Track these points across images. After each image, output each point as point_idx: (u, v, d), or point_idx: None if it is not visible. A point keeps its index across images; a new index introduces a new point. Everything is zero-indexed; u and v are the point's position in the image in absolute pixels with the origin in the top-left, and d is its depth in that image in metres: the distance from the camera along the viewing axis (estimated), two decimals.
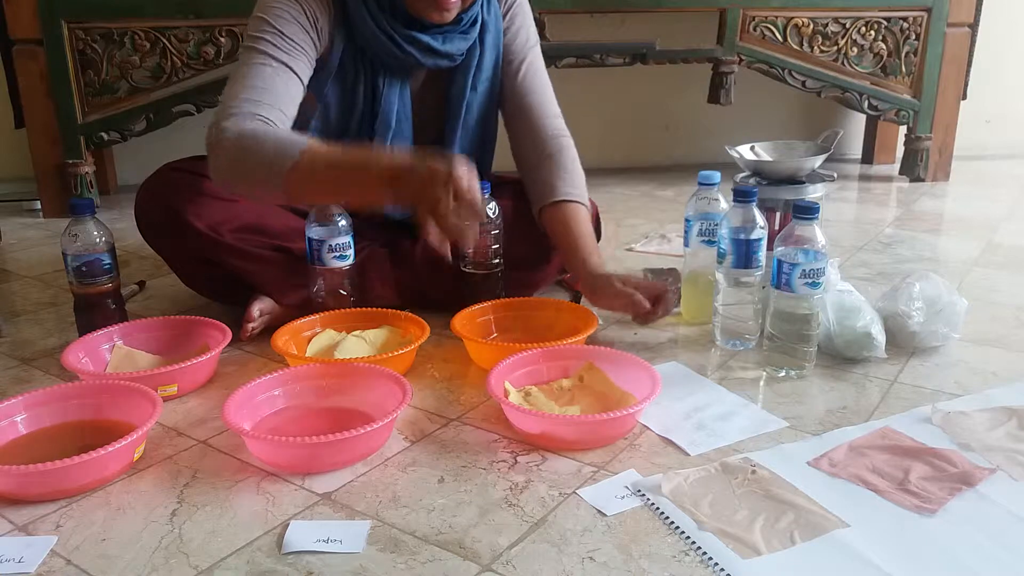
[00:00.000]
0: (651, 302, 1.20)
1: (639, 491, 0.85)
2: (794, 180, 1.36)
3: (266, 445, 0.90)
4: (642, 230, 1.98)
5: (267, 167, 1.06)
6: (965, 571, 0.73)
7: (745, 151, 1.44)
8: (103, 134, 2.12)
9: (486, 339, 1.24)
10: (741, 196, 1.17)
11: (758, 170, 1.39)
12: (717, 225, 1.24)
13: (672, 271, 1.51)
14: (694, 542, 0.77)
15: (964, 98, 2.48)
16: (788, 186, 1.34)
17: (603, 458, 0.92)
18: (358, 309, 1.27)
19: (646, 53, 2.27)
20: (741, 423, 1.00)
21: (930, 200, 2.29)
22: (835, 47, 2.35)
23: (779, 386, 1.11)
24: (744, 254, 1.18)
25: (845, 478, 0.87)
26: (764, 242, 1.18)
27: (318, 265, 1.24)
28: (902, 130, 2.53)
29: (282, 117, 1.14)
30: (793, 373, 1.12)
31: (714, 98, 2.36)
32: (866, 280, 1.56)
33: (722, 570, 0.73)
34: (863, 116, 2.70)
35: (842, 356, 1.17)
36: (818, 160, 1.36)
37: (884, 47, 2.37)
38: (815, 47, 2.33)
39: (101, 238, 1.21)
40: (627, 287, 1.20)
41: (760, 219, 1.18)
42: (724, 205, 1.28)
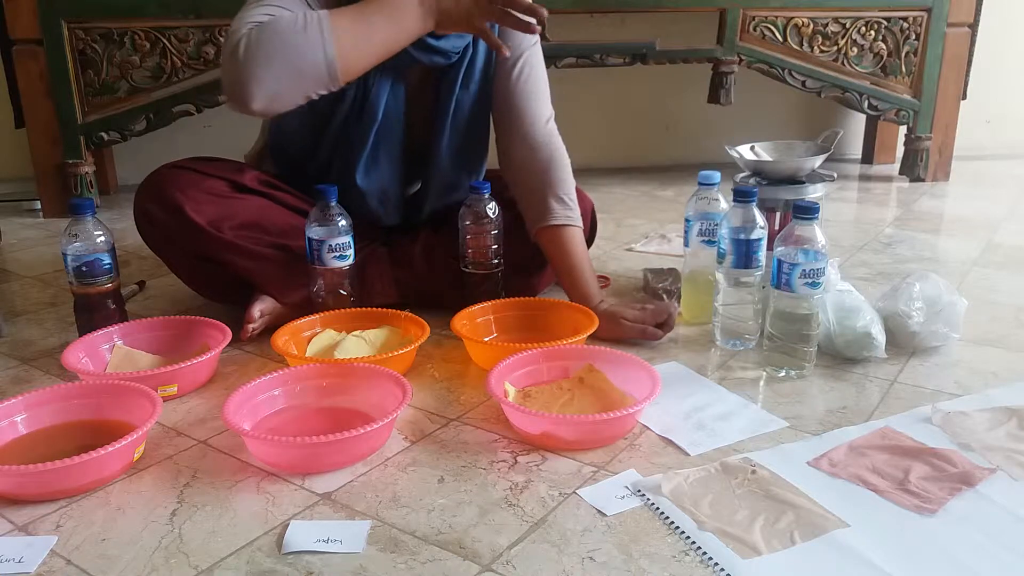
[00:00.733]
0: (658, 326, 1.24)
1: (639, 491, 0.85)
2: (794, 180, 1.36)
3: (266, 445, 0.90)
4: (642, 230, 1.99)
5: (305, 37, 1.06)
6: (965, 571, 0.73)
7: (745, 151, 1.44)
8: (103, 134, 2.12)
9: (486, 339, 1.24)
10: (741, 196, 1.17)
11: (758, 170, 1.39)
12: (717, 225, 1.24)
13: (672, 271, 1.51)
14: (694, 542, 0.77)
15: (964, 98, 2.48)
16: (788, 186, 1.34)
17: (603, 458, 0.92)
18: (358, 309, 1.27)
19: (646, 53, 2.27)
20: (741, 423, 1.00)
21: (930, 200, 2.29)
22: (835, 47, 2.35)
23: (779, 386, 1.11)
24: (744, 254, 1.18)
25: (845, 478, 0.87)
26: (764, 242, 1.18)
27: (318, 265, 1.24)
28: (902, 130, 2.53)
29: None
30: (793, 373, 1.12)
31: (714, 98, 2.36)
32: (866, 280, 1.56)
33: (722, 570, 0.73)
34: (863, 116, 2.70)
35: (842, 356, 1.17)
36: (818, 160, 1.36)
37: (884, 47, 2.37)
38: (815, 47, 2.33)
39: (101, 238, 1.22)
40: (636, 324, 1.23)
41: (760, 219, 1.18)
42: (724, 205, 1.28)
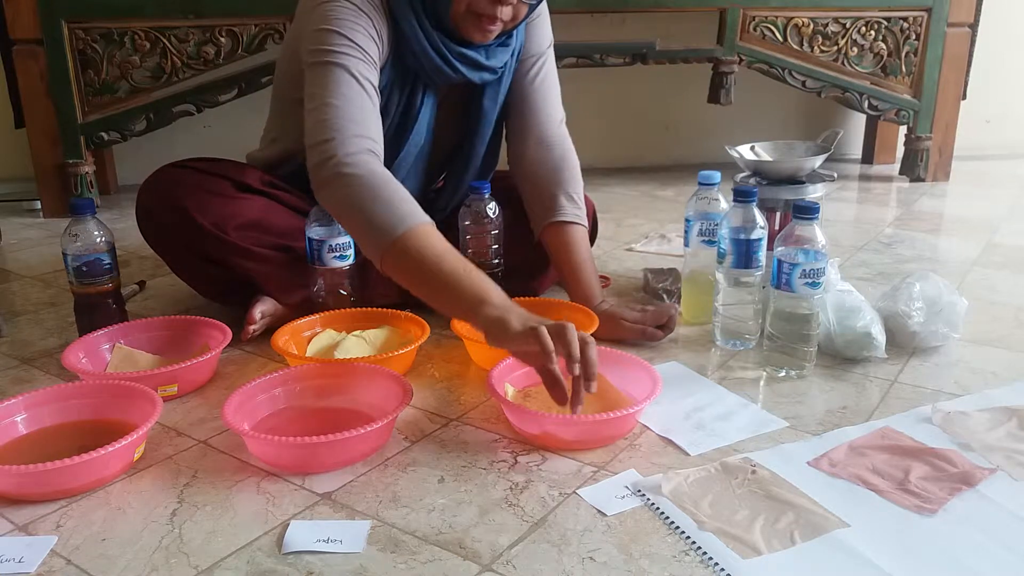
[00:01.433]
0: (658, 328, 1.24)
1: (639, 491, 0.85)
2: (794, 180, 1.36)
3: (266, 445, 0.90)
4: (642, 230, 1.99)
5: (378, 227, 1.03)
6: (965, 571, 0.73)
7: (745, 151, 1.44)
8: (103, 134, 2.12)
9: None
10: (741, 196, 1.17)
11: (758, 170, 1.39)
12: (717, 225, 1.24)
13: (672, 271, 1.51)
14: (694, 542, 0.77)
15: (964, 98, 2.48)
16: (788, 186, 1.34)
17: (603, 458, 0.92)
18: (358, 309, 1.27)
19: (646, 53, 2.27)
20: (741, 423, 1.00)
21: (930, 200, 2.29)
22: (835, 47, 2.35)
23: (779, 386, 1.11)
24: (744, 254, 1.18)
25: (845, 478, 0.87)
26: (764, 242, 1.18)
27: (318, 265, 1.24)
28: (902, 130, 2.53)
29: (381, 140, 1.12)
30: (793, 373, 1.12)
31: (714, 98, 2.36)
32: (866, 280, 1.56)
33: (722, 570, 0.73)
34: (863, 116, 2.70)
35: (842, 356, 1.17)
36: (818, 160, 1.36)
37: (884, 47, 2.37)
38: (815, 47, 2.33)
39: (101, 238, 1.22)
40: (636, 325, 1.23)
41: (760, 219, 1.18)
42: (724, 205, 1.28)
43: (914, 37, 2.37)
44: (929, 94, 2.41)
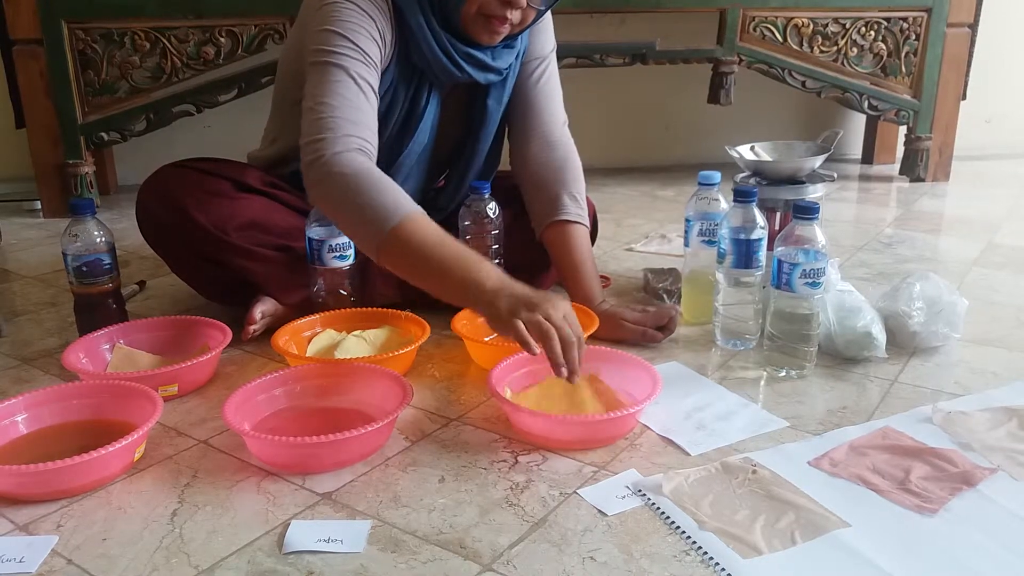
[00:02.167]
0: (658, 329, 1.24)
1: (640, 491, 0.85)
2: (794, 180, 1.36)
3: (266, 445, 0.90)
4: (642, 230, 1.99)
5: (371, 219, 1.03)
6: (966, 571, 0.73)
7: (745, 151, 1.44)
8: (103, 134, 2.12)
9: (486, 339, 1.24)
10: (741, 196, 1.17)
11: (758, 170, 1.39)
12: (717, 225, 1.24)
13: (672, 271, 1.51)
14: (695, 542, 0.77)
15: (964, 98, 2.48)
16: (788, 186, 1.34)
17: (604, 458, 0.92)
18: (358, 309, 1.27)
19: (646, 53, 2.27)
20: (741, 423, 1.00)
21: (930, 200, 2.29)
22: (835, 47, 2.35)
23: (779, 386, 1.11)
24: (744, 254, 1.18)
25: (846, 478, 0.87)
26: (764, 242, 1.18)
27: (318, 265, 1.24)
28: (902, 130, 2.53)
29: (375, 140, 1.13)
30: (793, 373, 1.12)
31: (714, 98, 2.36)
32: (866, 280, 1.56)
33: (723, 570, 0.73)
34: (863, 116, 2.70)
35: (842, 356, 1.17)
36: (818, 160, 1.36)
37: (884, 47, 2.37)
38: (815, 47, 2.33)
39: (101, 238, 1.21)
40: (637, 326, 1.23)
41: (760, 219, 1.18)
42: (724, 205, 1.28)
43: (914, 37, 2.37)
44: (929, 94, 2.41)
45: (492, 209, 1.30)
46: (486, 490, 0.86)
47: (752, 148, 1.45)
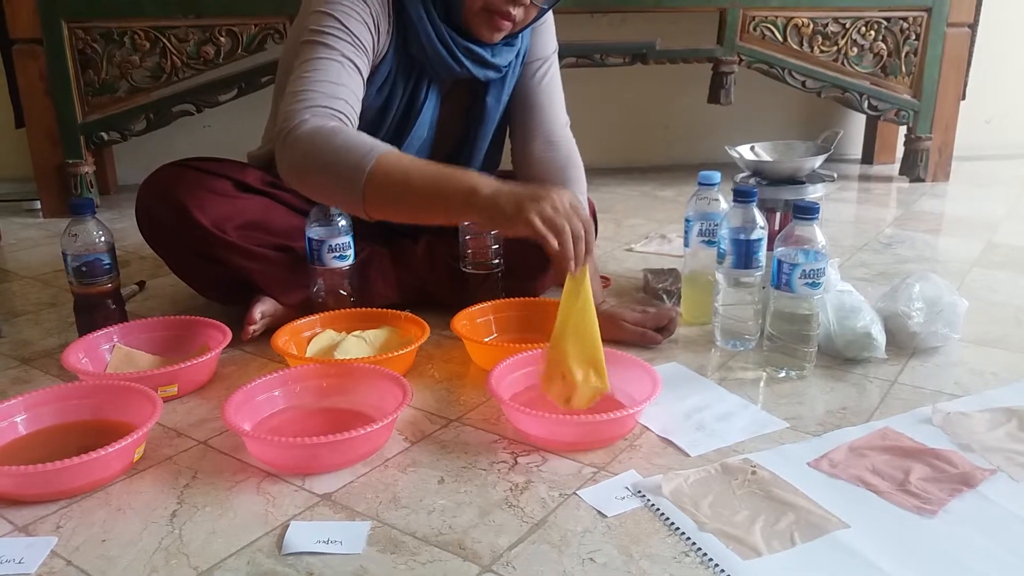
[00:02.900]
0: (658, 330, 1.25)
1: (639, 492, 0.85)
2: (794, 180, 1.36)
3: (266, 446, 0.90)
4: (642, 230, 1.98)
5: (345, 167, 1.01)
6: (966, 572, 0.73)
7: (745, 151, 1.44)
8: (103, 134, 2.12)
9: (486, 339, 1.24)
10: (741, 196, 1.17)
11: (758, 170, 1.39)
12: (717, 225, 1.24)
13: (672, 271, 1.51)
14: (694, 543, 0.77)
15: (964, 98, 2.48)
16: (788, 186, 1.34)
17: (603, 459, 0.92)
18: (358, 309, 1.27)
19: (646, 53, 2.27)
20: (741, 424, 1.00)
21: (930, 200, 2.29)
22: (835, 47, 2.35)
23: (779, 386, 1.11)
24: (744, 254, 1.18)
25: (845, 479, 0.87)
26: (764, 242, 1.18)
27: (318, 265, 1.24)
28: (902, 130, 2.53)
29: (353, 114, 1.10)
30: (793, 374, 1.12)
31: (714, 98, 2.36)
32: (866, 280, 1.56)
33: (722, 571, 0.73)
34: (863, 116, 2.70)
35: (842, 356, 1.17)
36: (818, 160, 1.36)
37: (884, 47, 2.37)
38: (815, 47, 2.33)
39: (101, 238, 1.21)
40: (637, 326, 1.24)
41: (760, 219, 1.18)
42: (724, 205, 1.28)
43: (914, 37, 2.37)
44: (929, 94, 2.41)
45: None
46: (486, 491, 0.86)
47: (752, 148, 1.45)
